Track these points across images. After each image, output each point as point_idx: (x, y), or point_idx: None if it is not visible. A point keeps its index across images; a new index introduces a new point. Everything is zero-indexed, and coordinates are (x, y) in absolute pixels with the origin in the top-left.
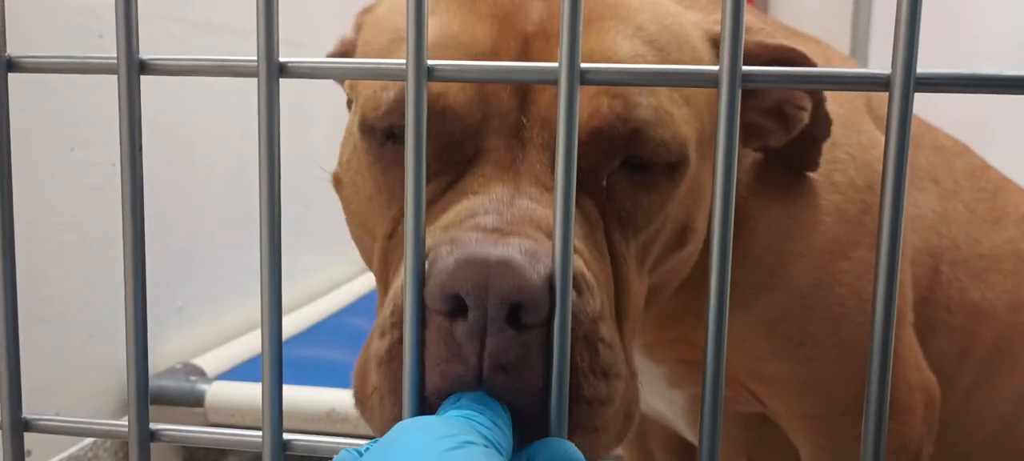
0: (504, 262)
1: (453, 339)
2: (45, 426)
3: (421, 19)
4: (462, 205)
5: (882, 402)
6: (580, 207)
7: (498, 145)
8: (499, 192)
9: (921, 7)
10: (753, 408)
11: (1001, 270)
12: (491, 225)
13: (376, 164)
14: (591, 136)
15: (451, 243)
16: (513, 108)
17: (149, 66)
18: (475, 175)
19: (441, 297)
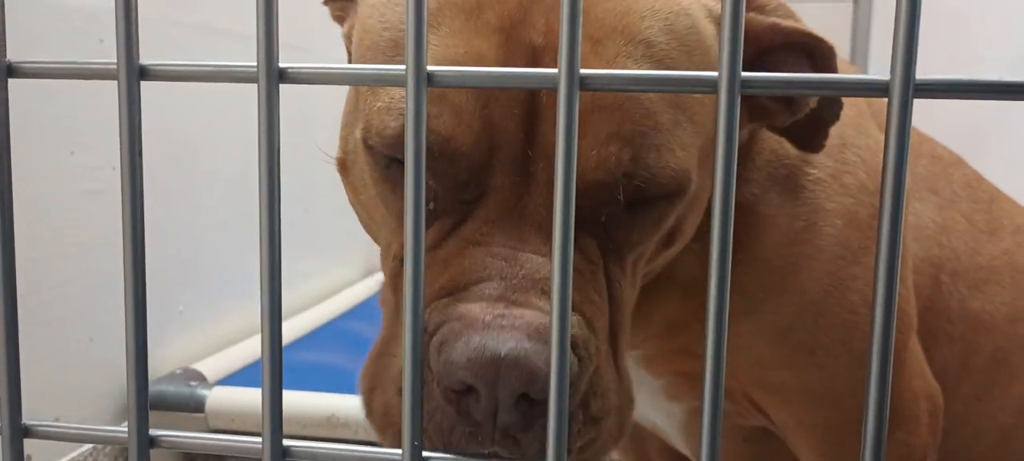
0: (514, 359)
1: (463, 409)
2: (44, 432)
3: (421, 24)
4: (466, 262)
5: (881, 410)
6: (579, 248)
7: (503, 183)
8: (502, 244)
9: (920, 12)
10: (754, 421)
11: (999, 282)
12: (496, 294)
13: (382, 182)
14: (595, 186)
15: (459, 321)
16: (519, 141)
17: (149, 71)
18: (479, 220)
19: (452, 382)
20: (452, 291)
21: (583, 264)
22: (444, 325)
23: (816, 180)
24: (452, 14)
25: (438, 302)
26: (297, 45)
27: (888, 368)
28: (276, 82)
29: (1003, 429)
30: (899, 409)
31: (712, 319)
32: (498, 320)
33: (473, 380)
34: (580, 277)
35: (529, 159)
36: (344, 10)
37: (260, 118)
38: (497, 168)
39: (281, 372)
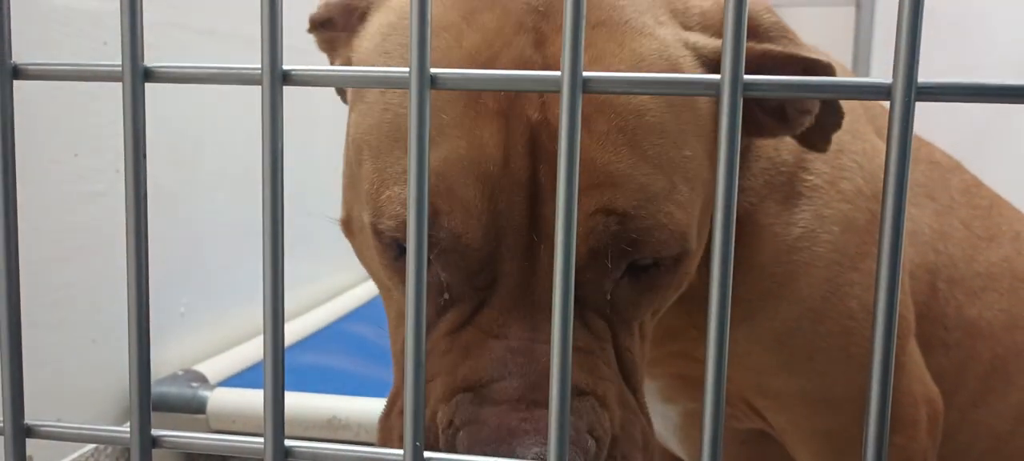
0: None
1: None
2: (47, 432)
3: (424, 29)
4: (485, 357)
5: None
6: (588, 327)
7: (512, 270)
8: (518, 336)
9: (922, 15)
10: (752, 424)
11: (997, 289)
12: (515, 393)
13: (391, 270)
14: (590, 257)
15: (486, 426)
16: (524, 228)
17: (153, 73)
18: (494, 308)
19: None
20: (473, 386)
21: (592, 342)
22: (471, 425)
23: (813, 186)
24: (452, 101)
25: (462, 397)
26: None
27: (889, 373)
28: (280, 84)
29: (999, 436)
30: (898, 413)
31: (714, 322)
32: (522, 425)
33: None
34: (589, 357)
35: (534, 243)
36: (333, 44)
37: (264, 120)
38: (505, 255)
39: (283, 373)
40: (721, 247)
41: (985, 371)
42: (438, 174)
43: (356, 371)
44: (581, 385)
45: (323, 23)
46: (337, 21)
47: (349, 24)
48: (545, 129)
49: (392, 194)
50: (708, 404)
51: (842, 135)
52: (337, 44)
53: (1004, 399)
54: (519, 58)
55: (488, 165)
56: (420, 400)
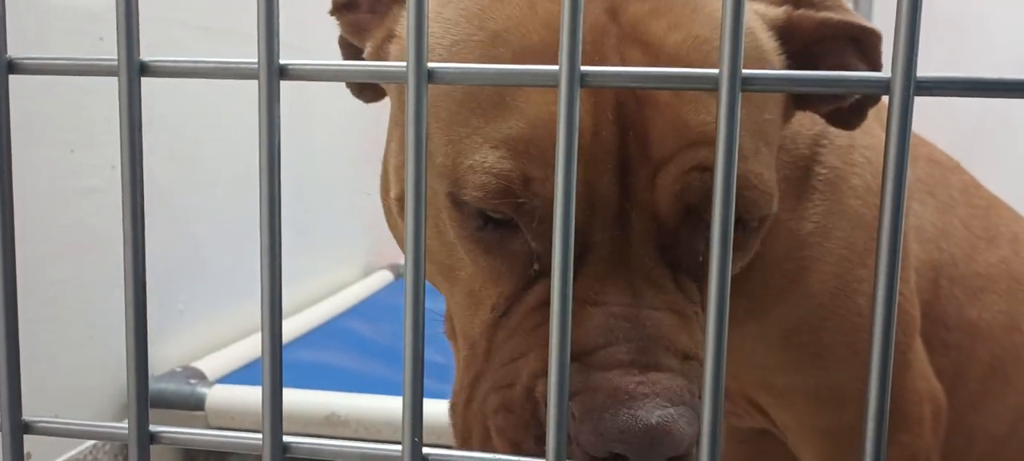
0: (665, 427)
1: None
2: (45, 428)
3: (421, 21)
4: (587, 323)
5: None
6: (683, 290)
7: (604, 239)
8: (618, 301)
9: (921, 9)
10: (753, 423)
11: (996, 290)
12: (627, 358)
13: (471, 241)
14: (685, 214)
15: (602, 392)
16: (615, 196)
17: (150, 68)
18: (588, 277)
19: (602, 451)
20: (578, 355)
21: (688, 306)
22: (582, 394)
23: (826, 181)
24: None
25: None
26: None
27: (888, 367)
28: (277, 78)
29: (996, 439)
30: (903, 411)
31: (713, 322)
32: (640, 389)
33: (625, 450)
34: (688, 321)
35: (626, 210)
36: (360, 27)
37: (261, 115)
38: (597, 224)
39: (281, 370)
40: (720, 247)
41: (983, 373)
42: (527, 140)
43: (354, 368)
44: (687, 349)
45: (347, 5)
46: (362, 2)
47: (376, 6)
48: (631, 96)
49: (474, 163)
50: (707, 401)
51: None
52: (366, 26)
53: (1002, 402)
54: (595, 25)
55: (582, 136)
56: (419, 396)
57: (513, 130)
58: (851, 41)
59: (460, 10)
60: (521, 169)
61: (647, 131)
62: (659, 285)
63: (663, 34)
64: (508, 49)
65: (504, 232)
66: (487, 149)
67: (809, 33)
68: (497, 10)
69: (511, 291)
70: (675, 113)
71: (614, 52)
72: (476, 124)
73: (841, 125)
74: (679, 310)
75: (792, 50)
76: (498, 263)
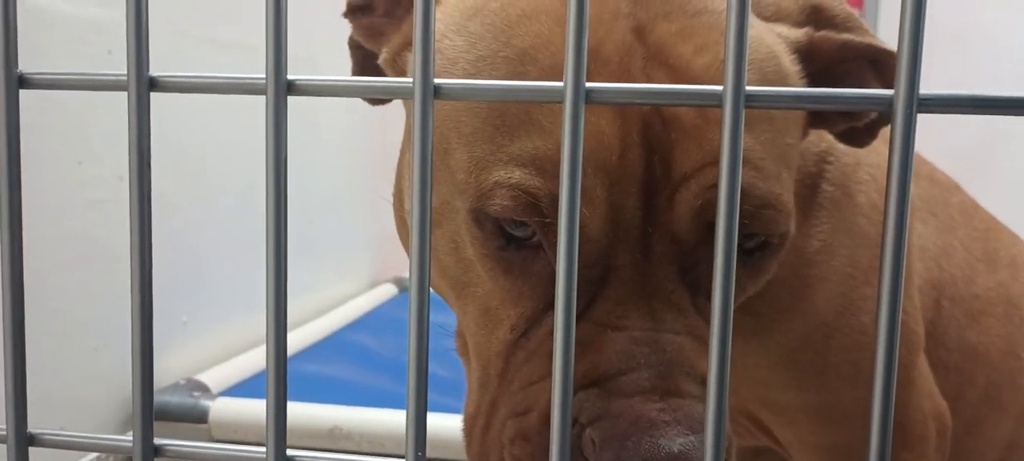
0: (685, 456)
1: None
2: (50, 441)
3: (428, 37)
4: (608, 349)
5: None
6: (701, 313)
7: (627, 262)
8: (638, 326)
9: (924, 26)
10: (755, 442)
11: (994, 314)
12: (648, 384)
13: (492, 260)
14: (706, 231)
15: (623, 420)
16: (639, 219)
17: (159, 83)
18: (610, 301)
19: None
20: (599, 380)
21: (707, 329)
22: (602, 420)
23: (831, 199)
24: None
25: (587, 392)
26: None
27: (892, 385)
28: (284, 94)
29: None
30: (908, 429)
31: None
32: (661, 416)
33: None
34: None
35: (648, 234)
36: (375, 31)
37: (268, 130)
38: (619, 247)
39: (285, 383)
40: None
41: (979, 398)
42: (555, 160)
43: (358, 381)
44: (706, 374)
45: (362, 8)
46: (377, 6)
47: (393, 10)
48: (657, 118)
49: (500, 179)
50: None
51: None
52: (382, 31)
53: (996, 428)
54: (622, 45)
55: (607, 155)
56: (423, 410)
57: (540, 149)
58: (871, 63)
59: (486, 25)
60: (549, 187)
61: (672, 151)
62: (679, 308)
63: (689, 56)
64: (536, 67)
65: (527, 252)
66: (513, 167)
67: (830, 55)
68: (525, 27)
69: (531, 312)
70: (700, 133)
71: (640, 73)
72: (501, 142)
73: (853, 143)
74: (699, 334)
75: (813, 71)
76: (519, 283)
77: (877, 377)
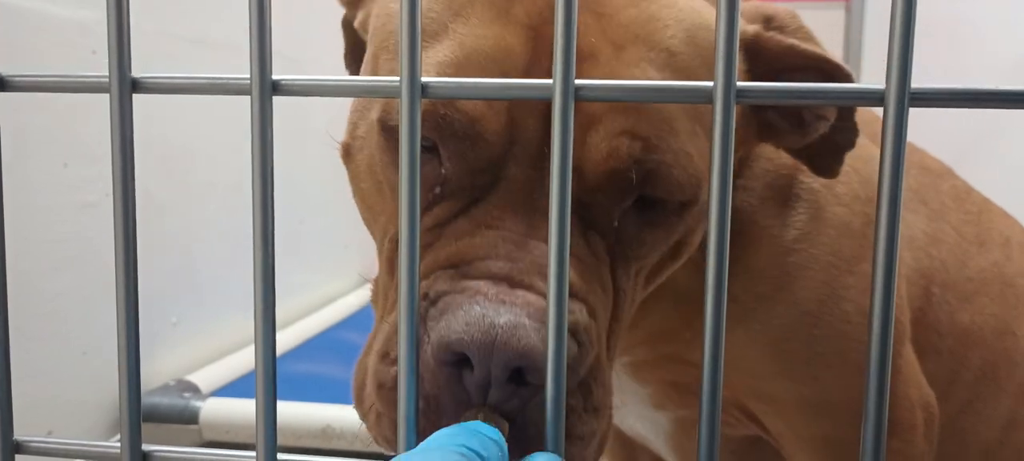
0: (510, 328)
1: (458, 385)
2: (36, 447)
3: (415, 37)
4: (475, 240)
5: (880, 418)
6: (588, 244)
7: (518, 175)
8: (512, 229)
9: (915, 21)
10: (744, 431)
11: (987, 294)
12: (502, 272)
13: (392, 167)
14: (607, 177)
15: (463, 294)
16: (537, 137)
17: (141, 84)
18: (491, 204)
19: (447, 353)
20: (457, 264)
21: (590, 258)
22: (446, 295)
23: (810, 189)
24: (482, 6)
25: (442, 273)
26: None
27: (886, 375)
28: (269, 95)
29: (988, 444)
30: (895, 417)
31: (709, 330)
32: (500, 296)
33: (467, 347)
34: (586, 269)
35: (545, 156)
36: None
37: (253, 131)
38: (512, 160)
39: (275, 383)
40: (716, 250)
41: (975, 378)
42: (459, 65)
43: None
44: (574, 288)
45: None
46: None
47: None
48: (577, 53)
49: None
50: (704, 405)
51: None
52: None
53: (994, 406)
54: None
55: (511, 67)
56: (413, 409)
57: (447, 57)
58: (823, 78)
59: None
60: None
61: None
62: None
63: (620, 6)
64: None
65: (425, 158)
66: None
67: (775, 56)
68: None
69: None
70: (612, 73)
71: None
72: None
73: (822, 173)
74: (579, 256)
75: (757, 71)
76: None
77: (870, 373)
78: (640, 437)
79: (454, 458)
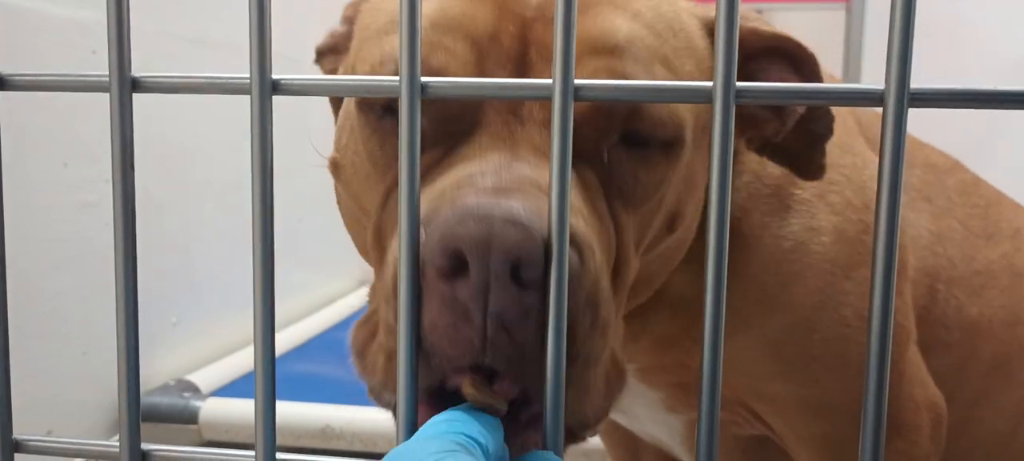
0: (507, 216)
1: (456, 301)
2: (36, 447)
3: (414, 36)
4: (459, 169)
5: (879, 418)
6: (580, 175)
7: (495, 119)
8: (496, 158)
9: (914, 21)
10: (753, 430)
11: (997, 286)
12: (490, 185)
13: (373, 137)
14: (590, 110)
15: (451, 202)
16: (510, 77)
17: (141, 84)
18: (472, 145)
19: (441, 252)
20: (443, 190)
21: (583, 190)
22: (433, 208)
23: (801, 200)
24: None
25: (433, 201)
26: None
27: (885, 379)
28: (269, 94)
29: (1001, 435)
30: (900, 418)
31: (708, 337)
32: (494, 194)
33: (462, 240)
34: (579, 193)
35: (521, 103)
36: (335, 62)
37: (253, 130)
38: (489, 106)
39: (274, 383)
40: (715, 250)
41: (986, 369)
42: (425, 30)
43: (349, 380)
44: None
45: (328, 50)
46: (341, 47)
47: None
48: (540, 21)
49: (374, 54)
50: (704, 406)
51: (830, 150)
52: (338, 62)
53: (1006, 396)
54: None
55: (478, 32)
56: (412, 409)
57: None
58: (788, 60)
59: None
60: None
61: (549, 46)
62: (545, 154)
63: None
64: None
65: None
66: (388, 38)
67: (740, 42)
68: None
69: (392, 179)
70: (592, 22)
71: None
72: (393, 32)
73: (806, 174)
74: None
75: None
76: (388, 151)
77: (870, 374)
78: (656, 440)
79: (451, 446)
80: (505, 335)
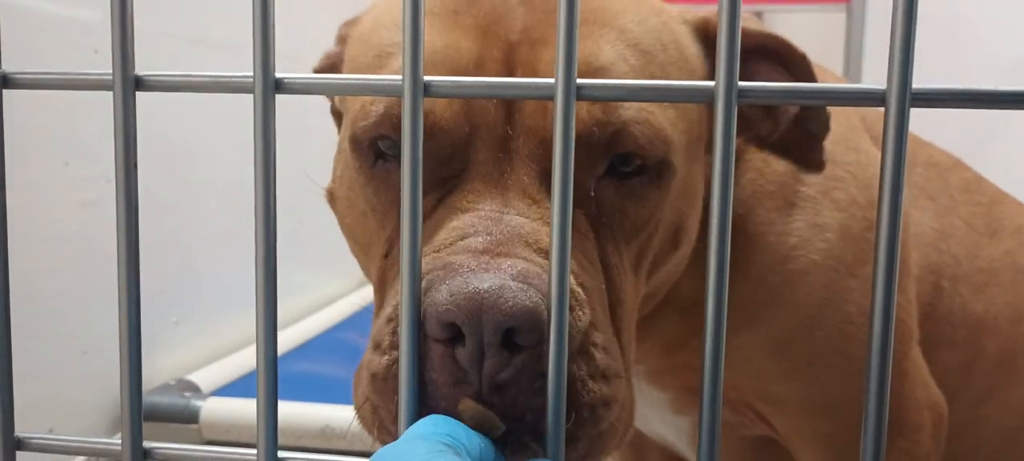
0: (495, 292)
1: (454, 363)
2: (38, 444)
3: (417, 35)
4: (453, 224)
5: (881, 417)
6: None
7: (486, 158)
8: (488, 208)
9: (916, 21)
10: (759, 431)
11: (1001, 283)
12: (482, 247)
13: (368, 185)
14: (575, 142)
15: (444, 269)
16: (500, 120)
17: (144, 82)
18: (464, 191)
19: (438, 327)
20: (439, 248)
21: (573, 235)
22: (429, 273)
23: (806, 197)
24: (431, 17)
25: (425, 258)
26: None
27: (887, 376)
28: (272, 93)
29: (1008, 431)
30: (902, 418)
31: (709, 336)
32: (482, 265)
33: (455, 316)
34: None
35: (509, 137)
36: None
37: (256, 129)
38: (478, 145)
39: (276, 383)
40: (717, 253)
41: (992, 366)
42: None
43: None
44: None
45: (326, 71)
46: (337, 68)
47: None
48: (523, 46)
49: (366, 100)
50: (705, 406)
51: (834, 148)
52: None
53: (1012, 392)
54: None
55: (462, 63)
56: (413, 409)
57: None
58: (777, 60)
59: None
60: None
61: (536, 68)
62: (535, 200)
63: None
64: None
65: (391, 165)
66: (379, 74)
67: None
68: None
69: (393, 226)
70: None
71: None
72: (379, 70)
73: (806, 166)
74: (550, 221)
75: (710, 53)
76: (385, 201)
77: (871, 372)
78: (664, 441)
79: (439, 447)
80: (500, 395)
